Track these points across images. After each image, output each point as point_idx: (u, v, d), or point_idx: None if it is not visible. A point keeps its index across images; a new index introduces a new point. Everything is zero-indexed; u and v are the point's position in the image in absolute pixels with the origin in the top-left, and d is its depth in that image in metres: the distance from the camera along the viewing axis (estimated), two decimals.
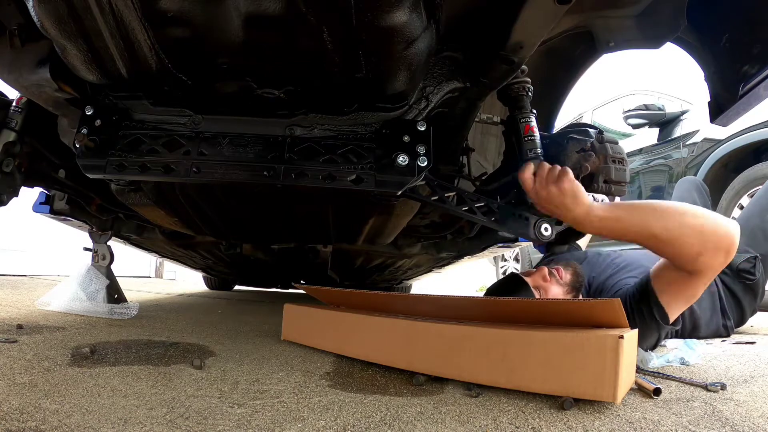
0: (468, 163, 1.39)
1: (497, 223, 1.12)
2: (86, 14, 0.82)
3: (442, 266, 2.61)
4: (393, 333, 1.04)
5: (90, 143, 1.00)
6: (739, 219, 1.74)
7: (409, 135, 1.00)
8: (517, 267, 5.19)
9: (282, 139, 1.01)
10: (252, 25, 0.83)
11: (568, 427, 0.71)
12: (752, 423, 0.74)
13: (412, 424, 0.71)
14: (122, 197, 1.31)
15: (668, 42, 1.21)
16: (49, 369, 0.91)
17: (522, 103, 1.21)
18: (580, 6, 1.15)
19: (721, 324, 1.53)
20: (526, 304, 1.03)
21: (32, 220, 2.06)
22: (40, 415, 0.67)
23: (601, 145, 1.10)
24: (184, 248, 2.16)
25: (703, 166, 3.01)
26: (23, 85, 1.03)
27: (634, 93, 3.93)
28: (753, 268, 1.54)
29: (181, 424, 0.67)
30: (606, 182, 1.08)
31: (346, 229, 1.56)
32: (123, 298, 1.80)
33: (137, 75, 0.96)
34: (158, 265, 5.87)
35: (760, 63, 1.02)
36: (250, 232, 1.73)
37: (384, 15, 0.78)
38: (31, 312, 1.63)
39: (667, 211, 0.94)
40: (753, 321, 1.77)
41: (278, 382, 0.92)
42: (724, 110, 1.13)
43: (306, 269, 2.37)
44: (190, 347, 1.20)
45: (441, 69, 1.03)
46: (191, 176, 0.99)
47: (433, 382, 0.94)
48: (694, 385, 0.95)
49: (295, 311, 1.37)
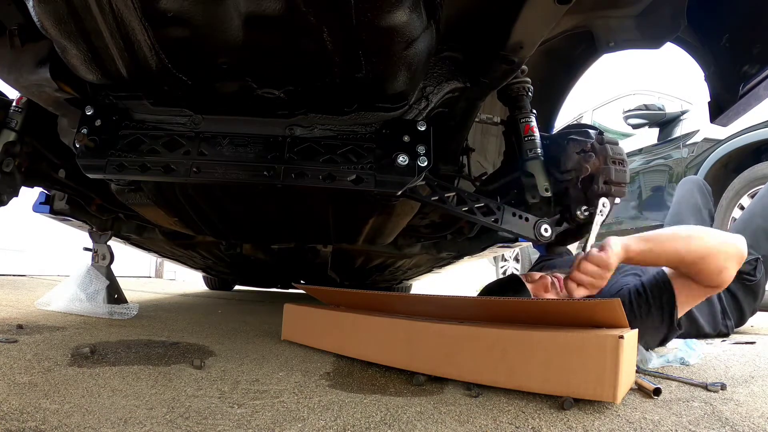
0: (468, 163, 1.39)
1: (497, 223, 1.12)
2: (86, 14, 0.82)
3: (442, 266, 2.61)
4: (393, 333, 1.04)
5: (90, 143, 1.00)
6: (741, 220, 1.74)
7: (409, 135, 1.00)
8: (517, 267, 5.19)
9: (282, 139, 1.01)
10: (252, 25, 0.83)
11: (568, 427, 0.71)
12: (752, 423, 0.74)
13: (412, 424, 0.71)
14: (122, 197, 1.31)
15: (668, 42, 1.21)
16: (49, 369, 0.91)
17: (522, 103, 1.21)
18: (580, 6, 1.15)
19: (721, 324, 1.53)
20: (526, 304, 1.03)
21: (32, 220, 2.06)
22: (40, 415, 0.67)
23: (601, 146, 1.10)
24: (184, 248, 2.15)
25: (703, 166, 3.00)
26: (23, 85, 1.03)
27: (634, 93, 3.93)
28: (754, 270, 1.54)
29: (181, 424, 0.67)
30: (606, 183, 1.08)
31: (346, 229, 1.56)
32: (123, 298, 1.80)
33: (137, 75, 0.96)
34: (158, 265, 5.87)
35: (760, 63, 1.02)
36: (250, 232, 1.73)
37: (384, 15, 0.78)
38: (31, 312, 1.63)
39: (688, 235, 1.04)
40: (753, 321, 1.77)
41: (278, 382, 0.92)
42: (724, 110, 1.13)
43: (306, 269, 2.37)
44: (190, 347, 1.20)
45: (441, 69, 1.03)
46: (191, 176, 0.99)
47: (433, 382, 0.94)
48: (694, 385, 0.95)
49: (295, 311, 1.37)
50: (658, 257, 1.04)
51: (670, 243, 1.03)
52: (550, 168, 1.16)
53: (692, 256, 1.01)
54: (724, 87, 1.11)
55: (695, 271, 1.04)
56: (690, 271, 1.05)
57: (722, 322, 1.53)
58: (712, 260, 1.01)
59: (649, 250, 1.02)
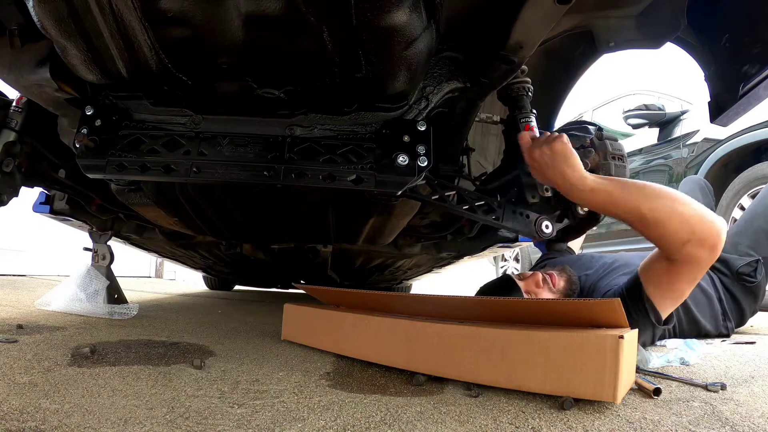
0: (468, 163, 1.39)
1: (498, 221, 1.12)
2: (86, 14, 0.82)
3: (442, 266, 2.61)
4: (393, 333, 1.04)
5: (90, 143, 1.00)
6: (741, 220, 1.74)
7: (409, 135, 1.00)
8: (517, 267, 5.20)
9: (282, 139, 1.01)
10: (252, 25, 0.83)
11: (568, 427, 0.71)
12: (752, 423, 0.74)
13: (412, 424, 0.71)
14: (122, 197, 1.31)
15: (668, 42, 1.21)
16: (49, 369, 0.91)
17: (522, 103, 1.21)
18: (580, 6, 1.15)
19: (722, 326, 1.53)
20: (526, 304, 1.03)
21: (32, 220, 2.06)
22: (40, 415, 0.67)
23: (600, 141, 1.10)
24: (184, 248, 2.15)
25: (703, 166, 3.01)
26: (23, 85, 1.03)
27: (634, 93, 3.93)
28: (754, 271, 1.53)
29: (181, 424, 0.67)
30: None
31: (346, 229, 1.56)
32: (123, 298, 1.80)
33: (137, 75, 0.96)
34: (158, 265, 5.88)
35: (760, 63, 1.02)
36: (250, 232, 1.73)
37: (384, 15, 0.78)
38: (31, 312, 1.63)
39: (658, 193, 0.94)
40: (753, 321, 1.77)
41: (278, 382, 0.92)
42: (724, 110, 1.12)
43: (306, 269, 2.37)
44: (190, 347, 1.20)
45: (441, 69, 1.03)
46: (191, 176, 0.99)
47: (433, 382, 0.94)
48: (694, 385, 0.95)
49: (295, 311, 1.37)
50: (616, 205, 0.96)
51: (635, 193, 0.94)
52: None
53: (653, 217, 0.92)
54: (724, 87, 1.11)
55: (655, 235, 0.95)
56: (650, 234, 0.96)
57: (723, 323, 1.53)
58: (674, 227, 0.91)
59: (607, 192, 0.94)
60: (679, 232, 0.92)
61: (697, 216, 0.93)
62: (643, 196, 0.93)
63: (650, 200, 0.93)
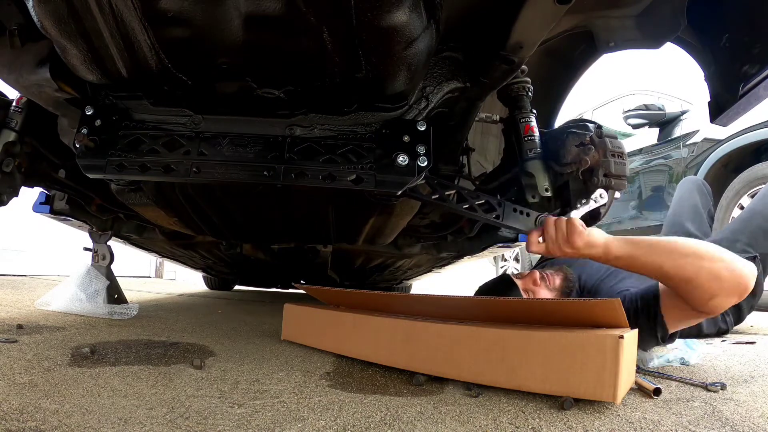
0: (468, 163, 1.39)
1: (498, 219, 1.11)
2: (86, 14, 0.82)
3: (442, 266, 2.61)
4: (393, 333, 1.04)
5: (90, 143, 1.00)
6: (740, 218, 1.73)
7: (409, 135, 1.00)
8: (517, 267, 5.19)
9: (282, 139, 1.01)
10: (252, 25, 0.83)
11: (568, 427, 0.71)
12: (752, 423, 0.74)
13: (412, 424, 0.71)
14: (122, 197, 1.31)
15: (668, 42, 1.21)
16: (49, 369, 0.91)
17: (522, 103, 1.21)
18: (580, 6, 1.15)
19: (720, 321, 1.52)
20: (526, 304, 1.03)
21: (32, 220, 2.06)
22: (40, 415, 0.67)
23: (600, 139, 1.09)
24: (184, 248, 2.16)
25: (703, 166, 3.00)
26: (23, 85, 1.03)
27: (634, 93, 3.93)
28: None
29: (181, 424, 0.67)
30: (606, 176, 1.08)
31: (346, 229, 1.56)
32: (123, 298, 1.80)
33: (137, 75, 0.96)
34: (158, 265, 5.87)
35: (760, 63, 1.02)
36: (250, 232, 1.73)
37: (384, 15, 0.78)
38: (31, 312, 1.63)
39: (684, 252, 0.93)
40: (753, 321, 1.77)
41: (278, 382, 0.92)
42: (724, 110, 1.12)
43: (306, 269, 2.37)
44: (190, 347, 1.20)
45: (441, 69, 1.03)
46: (191, 176, 0.99)
47: (433, 382, 0.94)
48: (694, 385, 0.95)
49: (295, 311, 1.37)
50: (643, 266, 0.96)
51: (658, 256, 0.94)
52: (550, 162, 1.16)
53: (679, 276, 0.92)
54: (724, 87, 1.11)
55: (682, 292, 0.95)
56: (676, 291, 0.97)
57: (722, 318, 1.53)
58: (700, 286, 0.90)
59: (631, 257, 0.95)
60: (708, 289, 0.91)
61: (726, 271, 0.91)
62: (668, 257, 0.92)
63: (676, 260, 0.92)
